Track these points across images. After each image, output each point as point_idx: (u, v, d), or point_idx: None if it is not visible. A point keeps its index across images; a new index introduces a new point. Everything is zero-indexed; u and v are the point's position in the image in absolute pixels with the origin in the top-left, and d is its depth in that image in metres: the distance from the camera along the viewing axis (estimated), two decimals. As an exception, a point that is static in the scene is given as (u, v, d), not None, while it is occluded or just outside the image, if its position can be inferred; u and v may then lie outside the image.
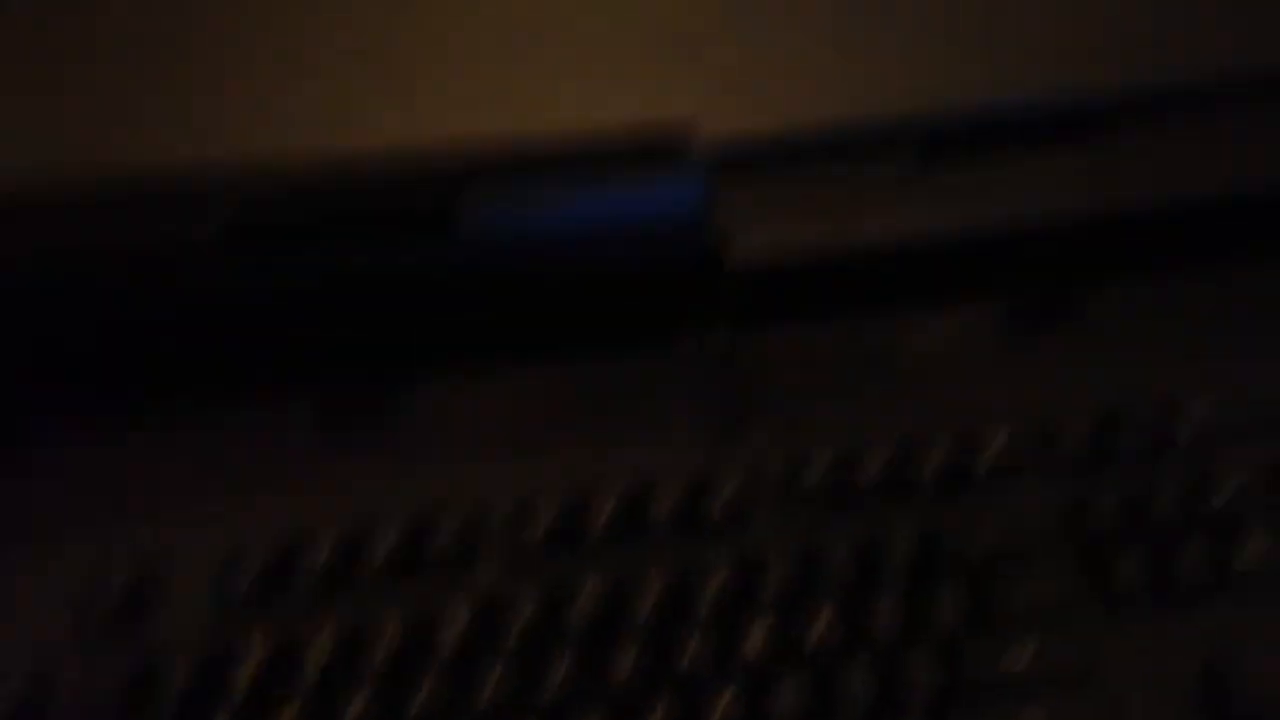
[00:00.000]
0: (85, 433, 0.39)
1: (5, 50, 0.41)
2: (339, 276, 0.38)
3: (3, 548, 0.36)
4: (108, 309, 0.37)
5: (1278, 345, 0.42)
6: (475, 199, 0.38)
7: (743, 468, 0.37)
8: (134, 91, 0.41)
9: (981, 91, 0.44)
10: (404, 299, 0.39)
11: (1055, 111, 0.45)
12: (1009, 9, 0.45)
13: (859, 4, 0.45)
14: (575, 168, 0.40)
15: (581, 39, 0.43)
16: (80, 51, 0.41)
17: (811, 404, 0.41)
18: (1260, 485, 0.38)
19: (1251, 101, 0.45)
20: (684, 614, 0.34)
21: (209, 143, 0.39)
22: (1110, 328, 0.44)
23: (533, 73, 0.43)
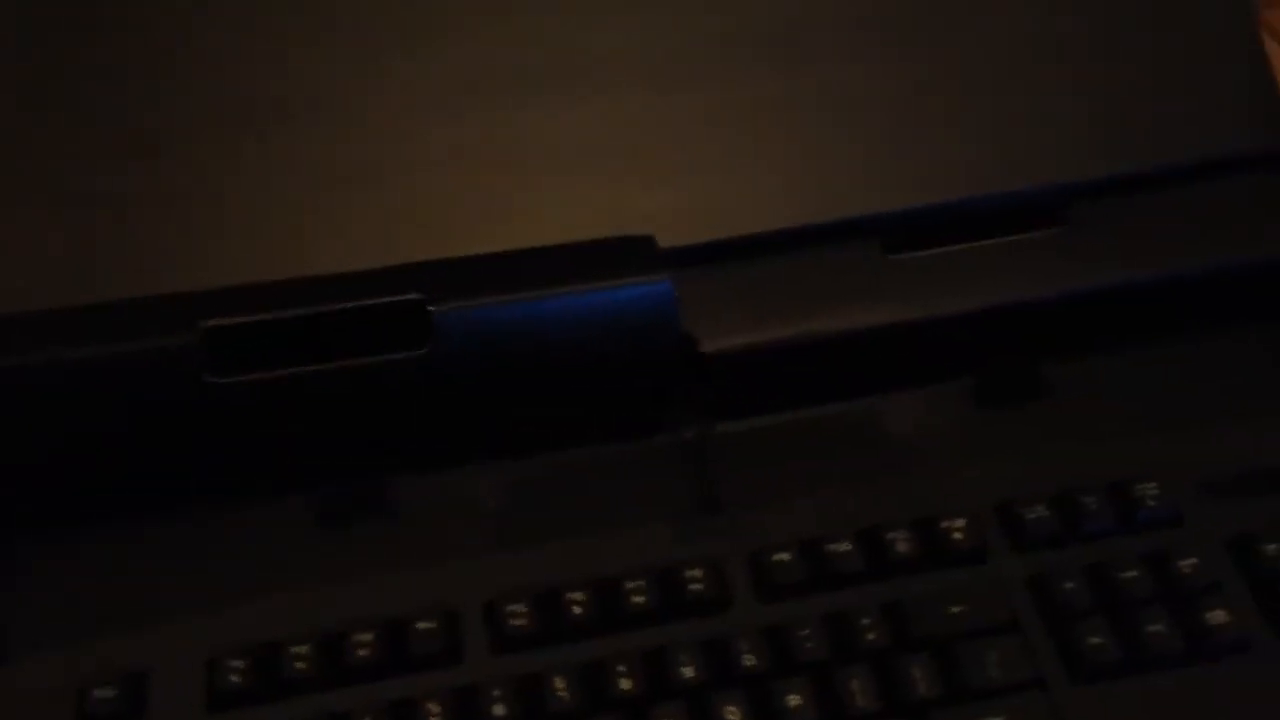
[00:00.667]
0: (82, 539, 0.40)
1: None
2: (320, 377, 0.40)
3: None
4: (95, 417, 0.39)
5: (1238, 416, 0.43)
6: (449, 301, 0.40)
7: (716, 553, 0.39)
8: (116, 228, 0.43)
9: (939, 189, 0.46)
10: (387, 398, 0.41)
11: (1013, 201, 0.47)
12: (957, 112, 0.47)
13: (814, 113, 0.47)
14: (545, 272, 0.42)
15: (544, 157, 0.45)
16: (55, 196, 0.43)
17: (785, 488, 0.42)
18: (1221, 555, 0.39)
19: (1196, 184, 0.47)
20: (660, 698, 0.35)
21: (185, 273, 0.42)
22: (1077, 402, 0.45)
23: (494, 193, 0.45)
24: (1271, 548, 0.38)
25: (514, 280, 0.42)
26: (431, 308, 0.40)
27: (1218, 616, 0.37)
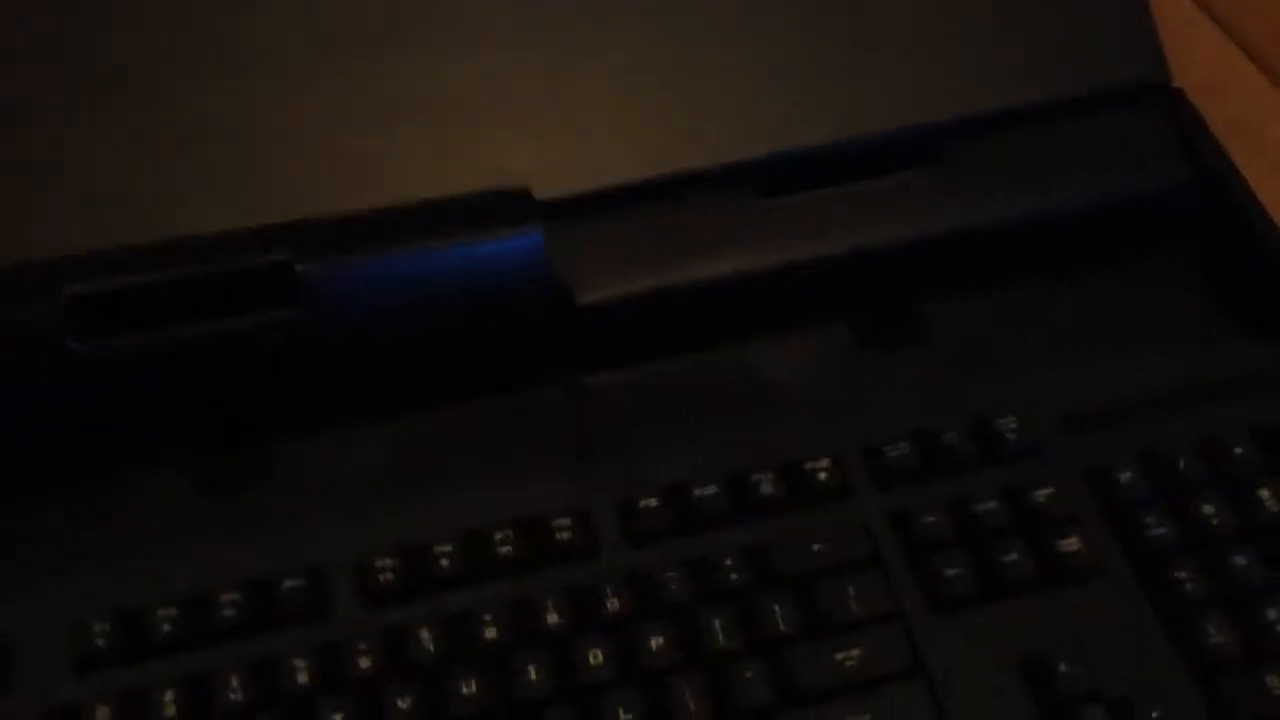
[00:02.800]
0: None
1: None
2: (186, 341, 0.39)
3: None
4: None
5: (1102, 349, 0.44)
6: (316, 260, 0.40)
7: (586, 502, 0.39)
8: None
9: (814, 132, 0.47)
10: (259, 361, 0.41)
11: (886, 142, 0.47)
12: (829, 54, 0.47)
13: (687, 61, 0.47)
14: (416, 226, 0.42)
15: (415, 112, 0.45)
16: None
17: (660, 436, 0.42)
18: (1078, 485, 0.40)
19: (1070, 120, 0.48)
20: (525, 643, 0.36)
21: (43, 240, 0.41)
22: (950, 341, 0.46)
23: (368, 149, 0.45)
24: (1125, 476, 0.39)
25: (384, 236, 0.42)
26: (299, 267, 0.40)
27: (1071, 544, 0.38)
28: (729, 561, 0.37)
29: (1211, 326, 0.46)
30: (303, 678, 0.35)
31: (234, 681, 0.34)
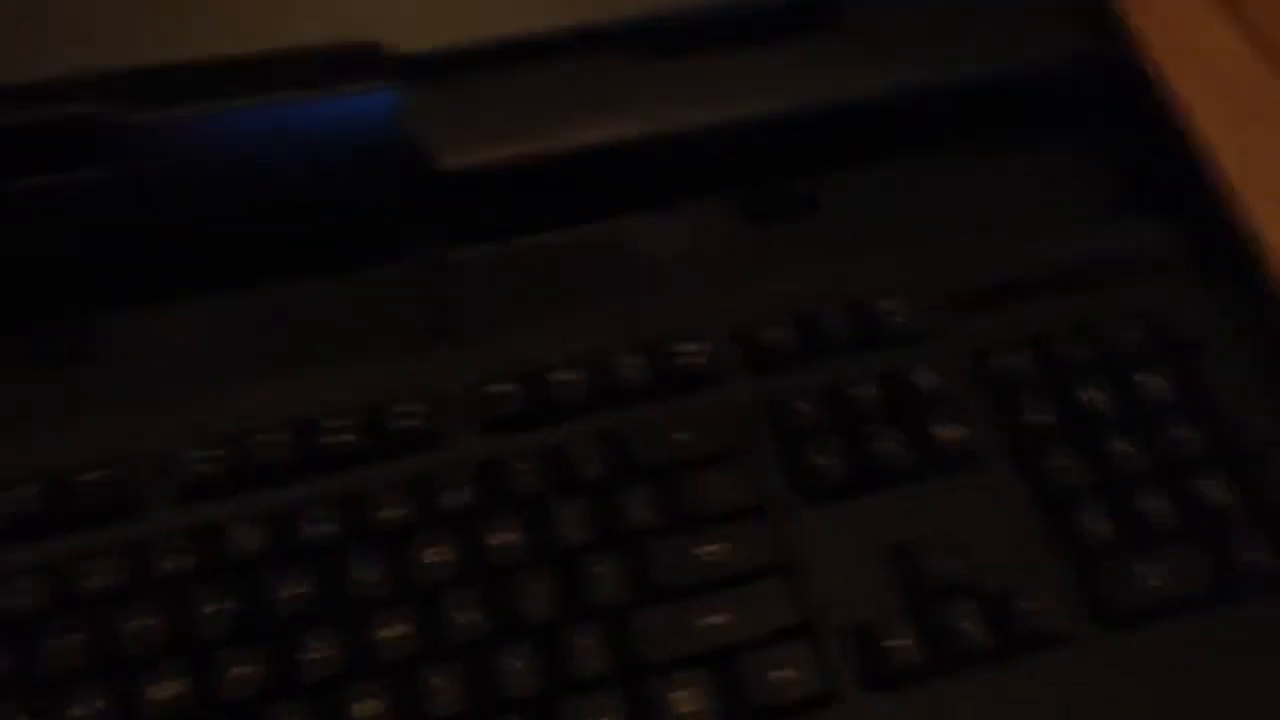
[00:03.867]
0: None
1: None
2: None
3: None
4: None
5: (995, 228, 0.41)
6: (120, 113, 0.35)
7: (435, 387, 0.36)
8: None
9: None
10: (62, 226, 0.37)
11: (775, 4, 0.43)
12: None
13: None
14: (244, 80, 0.38)
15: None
16: None
17: (524, 315, 0.39)
18: (959, 372, 0.37)
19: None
20: (358, 537, 0.33)
21: None
22: (837, 219, 0.43)
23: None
24: (1003, 360, 0.37)
25: (204, 89, 0.37)
26: (99, 121, 0.35)
27: (949, 431, 0.36)
28: (585, 451, 0.34)
29: (1106, 208, 0.44)
30: (100, 580, 0.31)
31: (25, 585, 0.31)
